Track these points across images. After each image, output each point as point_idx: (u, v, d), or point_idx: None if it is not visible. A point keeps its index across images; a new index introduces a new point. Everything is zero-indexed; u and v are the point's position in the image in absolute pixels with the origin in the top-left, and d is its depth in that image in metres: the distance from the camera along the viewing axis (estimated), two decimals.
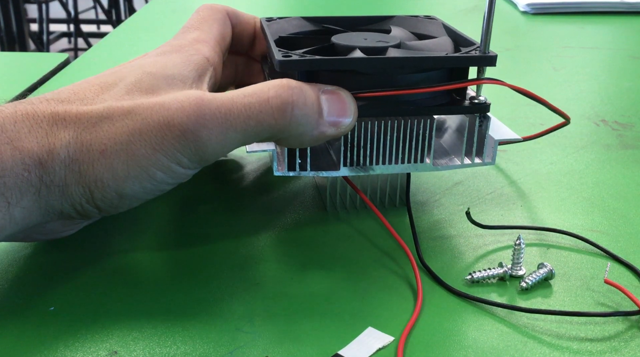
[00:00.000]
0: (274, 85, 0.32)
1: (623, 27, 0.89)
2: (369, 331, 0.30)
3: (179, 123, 0.30)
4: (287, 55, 0.35)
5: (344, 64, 0.35)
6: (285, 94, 0.31)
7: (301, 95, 0.32)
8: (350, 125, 0.34)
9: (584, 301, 0.32)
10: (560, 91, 0.63)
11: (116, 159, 0.29)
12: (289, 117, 0.31)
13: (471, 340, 0.29)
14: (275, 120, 0.31)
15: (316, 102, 0.32)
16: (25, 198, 0.29)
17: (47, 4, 2.86)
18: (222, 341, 0.29)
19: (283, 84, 0.32)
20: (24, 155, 0.28)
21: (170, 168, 0.30)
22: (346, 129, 0.34)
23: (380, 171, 0.37)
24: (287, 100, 0.31)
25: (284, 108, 0.31)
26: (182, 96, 0.31)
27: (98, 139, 0.29)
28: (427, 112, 0.36)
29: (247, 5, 1.01)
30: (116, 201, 0.30)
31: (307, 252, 0.36)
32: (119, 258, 0.35)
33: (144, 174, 0.30)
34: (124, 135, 0.29)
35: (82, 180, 0.29)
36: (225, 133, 0.30)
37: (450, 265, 0.35)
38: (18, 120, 0.29)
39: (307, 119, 0.32)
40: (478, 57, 0.35)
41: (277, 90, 0.31)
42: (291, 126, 0.32)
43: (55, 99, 0.31)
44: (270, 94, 0.31)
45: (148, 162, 0.30)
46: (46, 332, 0.30)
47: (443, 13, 0.93)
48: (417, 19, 0.44)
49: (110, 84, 0.32)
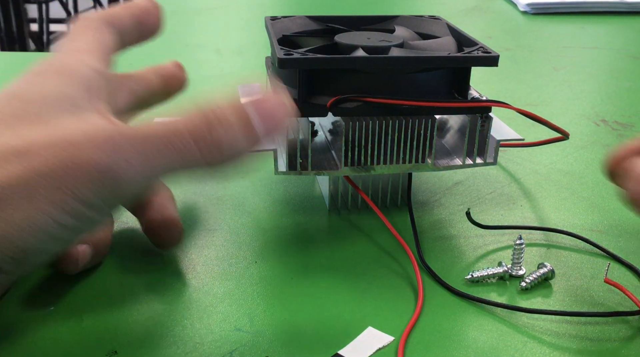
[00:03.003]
0: (197, 112, 0.27)
1: (623, 27, 0.89)
2: (368, 330, 0.30)
3: (89, 158, 0.25)
4: (288, 53, 0.35)
5: (345, 62, 0.35)
6: (199, 115, 0.27)
7: (220, 111, 0.27)
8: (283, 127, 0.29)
9: (584, 301, 0.32)
10: (560, 91, 0.63)
11: (15, 210, 0.24)
12: (209, 141, 0.27)
13: (471, 340, 0.29)
14: (198, 148, 0.27)
15: (238, 113, 0.28)
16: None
17: (47, 4, 2.86)
18: (222, 341, 0.29)
19: (198, 105, 0.28)
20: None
21: (79, 211, 0.25)
22: (278, 132, 0.29)
23: (382, 171, 0.36)
24: (202, 120, 0.27)
25: (199, 130, 0.27)
26: (88, 127, 0.26)
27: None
28: (428, 112, 0.36)
29: (256, 6, 1.01)
30: (21, 258, 0.25)
31: (307, 252, 0.36)
32: (118, 258, 0.35)
33: (50, 222, 0.24)
34: (21, 179, 0.24)
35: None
36: (144, 167, 0.26)
37: (451, 265, 0.35)
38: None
39: (234, 136, 0.28)
40: (480, 57, 0.35)
41: (190, 114, 0.27)
42: (217, 150, 0.27)
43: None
44: (184, 119, 0.27)
45: (52, 207, 0.24)
46: (46, 332, 0.30)
47: (443, 13, 0.93)
48: (422, 19, 0.44)
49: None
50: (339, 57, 0.35)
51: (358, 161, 0.36)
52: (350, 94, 0.35)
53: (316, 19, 0.44)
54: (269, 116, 0.28)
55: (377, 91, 0.35)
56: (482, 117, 0.36)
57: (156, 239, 0.35)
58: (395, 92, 0.35)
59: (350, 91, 0.35)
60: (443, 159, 0.38)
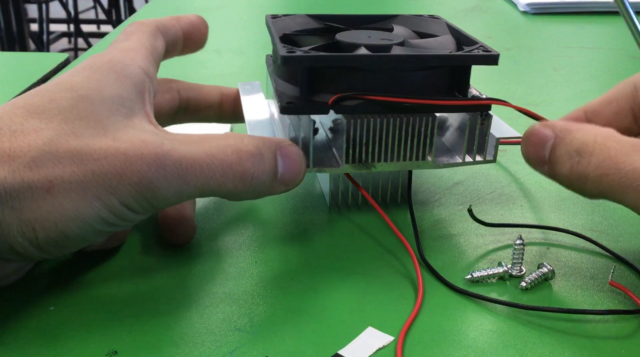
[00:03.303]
0: (235, 149, 0.31)
1: (623, 27, 0.89)
2: (369, 330, 0.30)
3: (137, 171, 0.29)
4: (291, 51, 0.35)
5: (348, 60, 0.35)
6: (248, 164, 0.31)
7: (261, 164, 0.32)
8: (299, 183, 0.34)
9: (584, 301, 0.32)
10: (560, 91, 0.63)
11: (65, 199, 0.28)
12: (247, 185, 0.31)
13: (471, 339, 0.29)
14: (235, 186, 0.31)
15: (273, 166, 0.32)
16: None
17: (47, 4, 2.86)
18: (222, 341, 0.29)
19: (244, 150, 0.31)
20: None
21: (121, 211, 0.29)
22: (294, 187, 0.34)
23: (382, 168, 0.37)
24: (248, 170, 0.31)
25: (245, 177, 0.31)
26: (139, 141, 0.30)
27: (42, 176, 0.27)
28: (429, 110, 0.36)
29: (256, 5, 1.01)
30: (62, 241, 0.28)
31: (307, 251, 0.36)
32: (118, 258, 0.35)
33: (94, 215, 0.28)
34: (75, 175, 0.28)
35: (24, 218, 0.27)
36: (182, 188, 0.30)
37: (451, 264, 0.35)
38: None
39: (263, 185, 0.32)
40: (480, 55, 0.36)
41: (239, 157, 0.31)
42: (248, 191, 0.32)
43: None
44: (232, 159, 0.31)
45: (100, 204, 0.28)
46: (46, 332, 0.30)
47: (443, 13, 0.93)
48: (421, 18, 0.44)
49: (37, 107, 0.29)
50: (342, 55, 0.35)
51: (359, 159, 0.36)
52: (351, 92, 0.35)
53: (316, 17, 0.44)
54: (293, 171, 0.33)
55: (379, 89, 0.35)
56: (481, 115, 0.36)
57: (169, 234, 0.36)
58: (397, 90, 0.35)
59: (352, 89, 0.35)
60: (443, 156, 0.38)
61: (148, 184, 0.29)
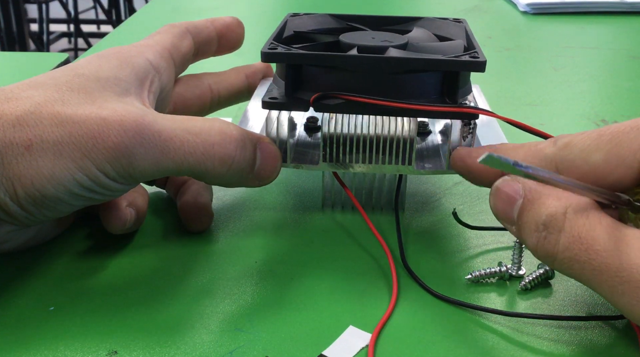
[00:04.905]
0: (219, 131, 0.32)
1: (623, 27, 0.89)
2: (350, 329, 0.30)
3: (114, 136, 0.29)
4: (273, 47, 0.35)
5: (324, 60, 0.34)
6: (231, 146, 0.32)
7: (243, 151, 0.33)
8: (272, 180, 0.35)
9: (584, 301, 0.32)
10: (560, 91, 0.63)
11: (42, 158, 0.29)
12: (226, 169, 0.32)
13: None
14: (214, 167, 0.32)
15: (252, 158, 0.33)
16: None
17: (47, 4, 2.86)
18: (222, 341, 0.29)
19: (228, 134, 0.32)
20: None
21: (97, 177, 0.30)
22: (267, 183, 0.35)
23: (360, 170, 0.36)
24: (230, 153, 0.32)
25: (226, 160, 0.32)
26: (122, 109, 0.31)
27: (23, 134, 0.29)
28: (410, 114, 0.35)
29: (256, 5, 1.01)
30: (40, 200, 0.29)
31: (307, 252, 0.36)
32: (118, 258, 0.35)
33: (70, 178, 0.29)
34: (53, 134, 0.29)
35: (5, 173, 0.28)
36: (160, 159, 0.30)
37: (451, 264, 0.35)
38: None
39: (241, 172, 0.33)
40: (466, 62, 0.34)
41: (222, 139, 0.32)
42: (224, 176, 0.33)
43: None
44: (215, 140, 0.32)
45: (75, 166, 0.29)
46: (46, 332, 0.30)
47: (443, 13, 0.93)
48: (444, 22, 0.44)
49: (37, 82, 0.32)
50: (319, 54, 0.35)
51: (336, 158, 0.36)
52: (335, 91, 0.35)
53: (338, 17, 0.44)
54: (269, 167, 0.34)
55: (365, 91, 0.35)
56: (466, 123, 0.35)
57: (187, 221, 0.38)
58: (383, 93, 0.35)
59: (337, 89, 0.35)
60: (427, 162, 0.37)
61: (123, 150, 0.29)
